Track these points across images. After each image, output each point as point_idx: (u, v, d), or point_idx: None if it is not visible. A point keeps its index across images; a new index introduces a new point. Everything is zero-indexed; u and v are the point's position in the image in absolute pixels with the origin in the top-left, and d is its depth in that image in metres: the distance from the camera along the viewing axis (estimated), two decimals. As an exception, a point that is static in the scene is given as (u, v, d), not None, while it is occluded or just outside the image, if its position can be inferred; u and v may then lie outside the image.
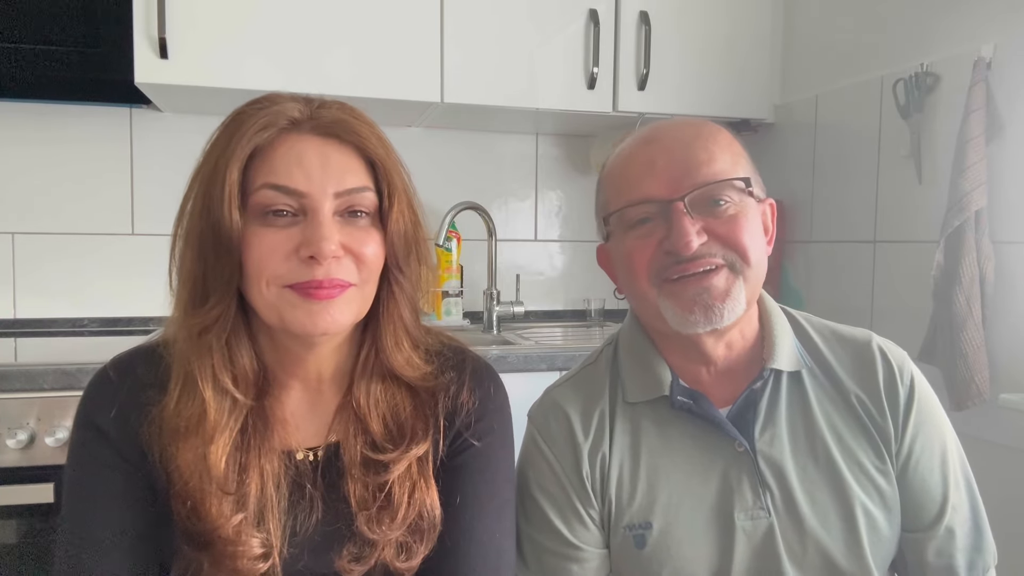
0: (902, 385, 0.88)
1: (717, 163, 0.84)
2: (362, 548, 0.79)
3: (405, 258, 0.81)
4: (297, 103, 0.78)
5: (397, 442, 0.81)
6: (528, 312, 2.29)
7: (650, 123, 0.92)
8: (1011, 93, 1.45)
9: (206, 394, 0.76)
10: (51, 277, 1.97)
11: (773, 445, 0.86)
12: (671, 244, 0.82)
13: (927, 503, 0.87)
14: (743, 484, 0.86)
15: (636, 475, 0.88)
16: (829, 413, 0.88)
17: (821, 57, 2.00)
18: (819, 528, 0.84)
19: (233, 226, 0.74)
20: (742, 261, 0.83)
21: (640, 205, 0.85)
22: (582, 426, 0.90)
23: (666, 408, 0.89)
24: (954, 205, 1.46)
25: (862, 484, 0.86)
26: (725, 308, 0.83)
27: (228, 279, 0.75)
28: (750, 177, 0.86)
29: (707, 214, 0.83)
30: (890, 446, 0.87)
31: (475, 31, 1.87)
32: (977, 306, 1.44)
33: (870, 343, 0.91)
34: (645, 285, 0.86)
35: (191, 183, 0.78)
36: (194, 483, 0.75)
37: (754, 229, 0.85)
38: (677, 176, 0.84)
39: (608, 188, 0.92)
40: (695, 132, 0.87)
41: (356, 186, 0.77)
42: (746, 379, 0.89)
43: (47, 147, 1.96)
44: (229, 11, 1.71)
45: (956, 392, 1.45)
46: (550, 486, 0.90)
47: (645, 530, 0.86)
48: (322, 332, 0.76)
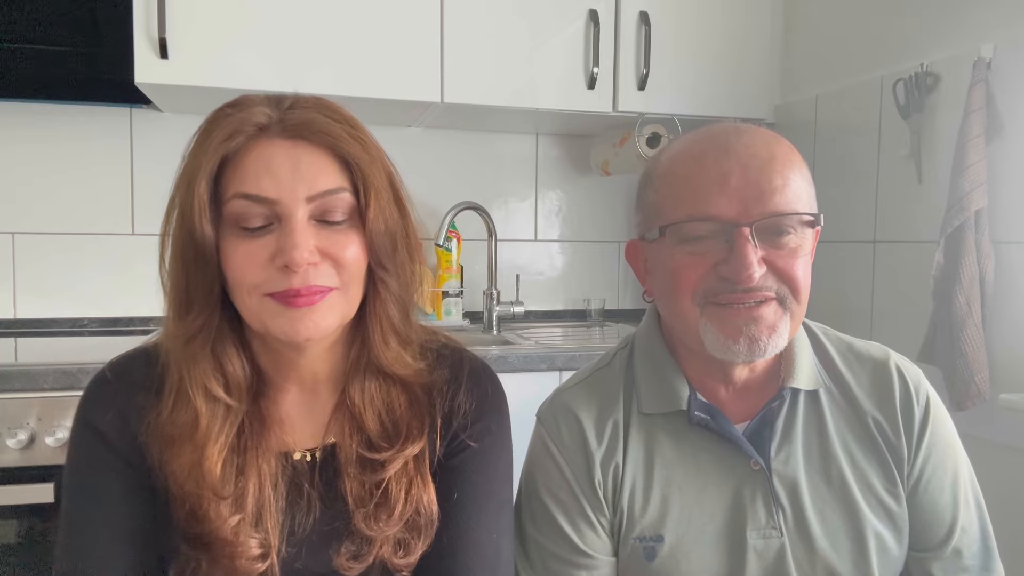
0: (918, 406, 0.87)
1: (790, 191, 0.79)
2: (360, 546, 0.79)
3: (389, 256, 0.79)
4: (265, 106, 0.76)
5: (392, 440, 0.81)
6: (528, 312, 2.29)
7: (712, 123, 0.87)
8: (1011, 93, 1.44)
9: (197, 403, 0.76)
10: (51, 277, 1.98)
11: (788, 464, 0.86)
12: (731, 271, 0.78)
13: (936, 524, 0.86)
14: (756, 502, 0.85)
15: (650, 487, 0.87)
16: (844, 433, 0.87)
17: (821, 57, 2.00)
18: (829, 549, 0.84)
19: (206, 239, 0.73)
20: (793, 297, 0.81)
21: (704, 222, 0.80)
22: (595, 433, 0.89)
23: (682, 422, 0.88)
24: (954, 205, 1.46)
25: (872, 506, 0.85)
26: (770, 343, 0.80)
27: (208, 289, 0.75)
28: (820, 215, 0.82)
29: (769, 244, 0.80)
30: (902, 468, 0.86)
31: (475, 31, 1.87)
32: (977, 306, 1.44)
33: (887, 361, 0.90)
34: (688, 304, 0.82)
35: (172, 190, 0.77)
36: (190, 488, 0.75)
37: (809, 265, 0.83)
38: (749, 199, 0.79)
39: (665, 190, 0.85)
40: (772, 152, 0.81)
41: (329, 188, 0.75)
42: (764, 396, 0.88)
43: (47, 147, 1.96)
44: (229, 11, 1.71)
45: (956, 392, 1.45)
46: (560, 492, 0.88)
47: (656, 543, 0.85)
48: (305, 338, 0.75)
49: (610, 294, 2.39)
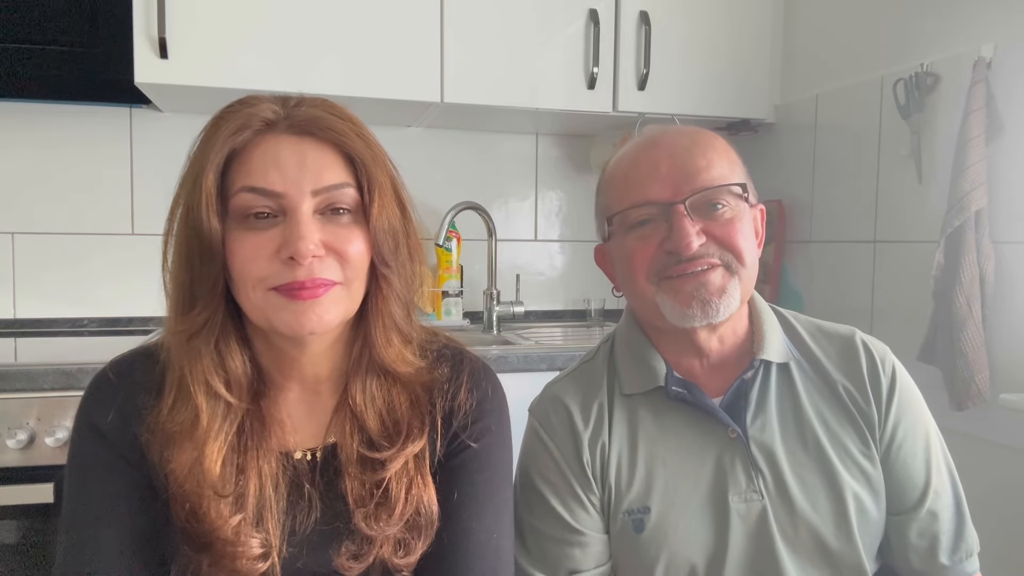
0: (884, 375, 0.93)
1: (715, 169, 0.89)
2: (360, 545, 0.80)
3: (392, 254, 0.80)
4: (272, 104, 0.78)
5: (393, 439, 0.81)
6: (528, 312, 2.29)
7: (649, 124, 0.96)
8: (1011, 93, 1.44)
9: (198, 399, 0.76)
10: (51, 277, 1.98)
11: (764, 431, 0.91)
12: (672, 244, 0.87)
13: (910, 486, 0.91)
14: (736, 468, 0.89)
15: (634, 462, 0.92)
16: (816, 402, 0.92)
17: (821, 57, 2.00)
18: (810, 510, 0.88)
19: (213, 232, 0.73)
20: (737, 261, 0.88)
21: (643, 207, 0.89)
22: (582, 417, 0.94)
23: (661, 398, 0.93)
24: (954, 205, 1.46)
25: (848, 468, 0.89)
26: (721, 303, 0.87)
27: (213, 284, 0.75)
28: (745, 184, 0.91)
29: (706, 217, 0.88)
30: (874, 431, 0.91)
31: (475, 31, 1.87)
32: (977, 306, 1.44)
33: (853, 337, 0.96)
34: (644, 283, 0.90)
35: (176, 189, 0.78)
36: (190, 486, 0.75)
37: (748, 232, 0.91)
38: (678, 180, 0.88)
39: (610, 190, 0.95)
40: (693, 139, 0.91)
41: (334, 183, 0.76)
42: (737, 372, 0.94)
43: (47, 147, 1.96)
44: (229, 11, 1.71)
45: (956, 392, 1.45)
46: (551, 474, 0.93)
47: (643, 514, 0.90)
48: (309, 332, 0.75)
49: (610, 294, 2.38)
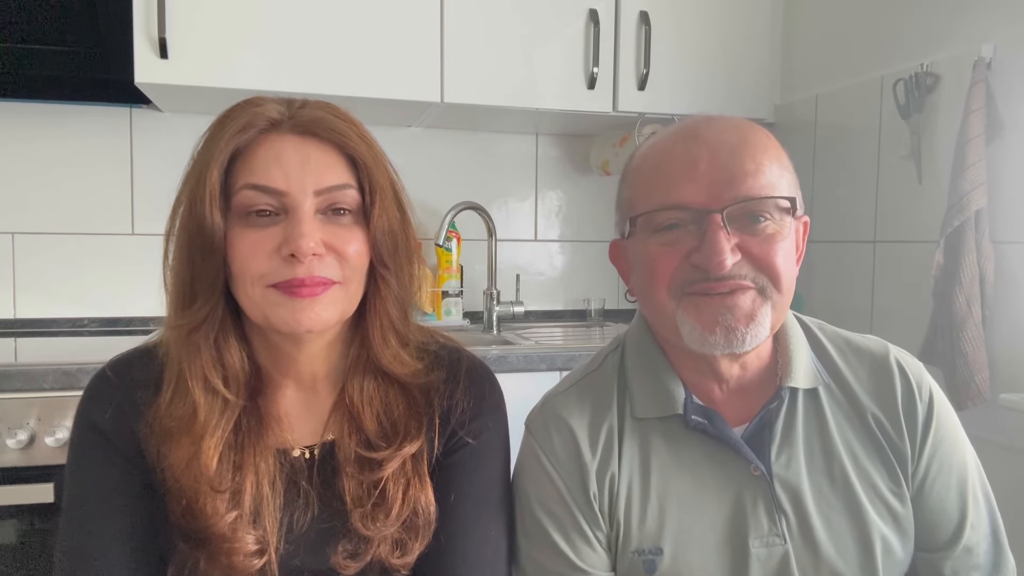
0: (921, 402, 0.84)
1: (764, 175, 0.76)
2: (357, 545, 0.80)
3: (391, 255, 0.80)
4: (278, 104, 0.79)
5: (390, 440, 0.81)
6: (528, 312, 2.29)
7: (683, 118, 0.84)
8: (1011, 93, 1.44)
9: (196, 394, 0.77)
10: (51, 277, 1.98)
11: (790, 468, 0.82)
12: (702, 258, 0.75)
13: (944, 523, 0.84)
14: (758, 509, 0.81)
15: (646, 497, 0.83)
16: (846, 432, 0.84)
17: (821, 57, 2.00)
18: (834, 555, 0.81)
19: (215, 227, 0.74)
20: (773, 286, 0.77)
21: (673, 210, 0.77)
22: (589, 443, 0.84)
23: (678, 426, 0.84)
24: (954, 205, 1.46)
25: (877, 509, 0.82)
26: (748, 333, 0.76)
27: (214, 280, 0.76)
28: (796, 198, 0.78)
29: (744, 230, 0.76)
30: (906, 467, 0.83)
31: (475, 31, 1.87)
32: (977, 306, 1.44)
33: (887, 356, 0.86)
34: (664, 296, 0.79)
35: (180, 187, 0.79)
36: (187, 482, 0.75)
37: (790, 251, 0.78)
38: (719, 183, 0.76)
39: (637, 182, 0.83)
40: (743, 136, 0.78)
41: (336, 183, 0.77)
42: (761, 397, 0.84)
43: (47, 147, 1.96)
44: (229, 11, 1.71)
45: (956, 392, 1.45)
46: (554, 506, 0.84)
47: (655, 556, 0.81)
48: (306, 329, 0.76)
49: (610, 294, 2.39)
